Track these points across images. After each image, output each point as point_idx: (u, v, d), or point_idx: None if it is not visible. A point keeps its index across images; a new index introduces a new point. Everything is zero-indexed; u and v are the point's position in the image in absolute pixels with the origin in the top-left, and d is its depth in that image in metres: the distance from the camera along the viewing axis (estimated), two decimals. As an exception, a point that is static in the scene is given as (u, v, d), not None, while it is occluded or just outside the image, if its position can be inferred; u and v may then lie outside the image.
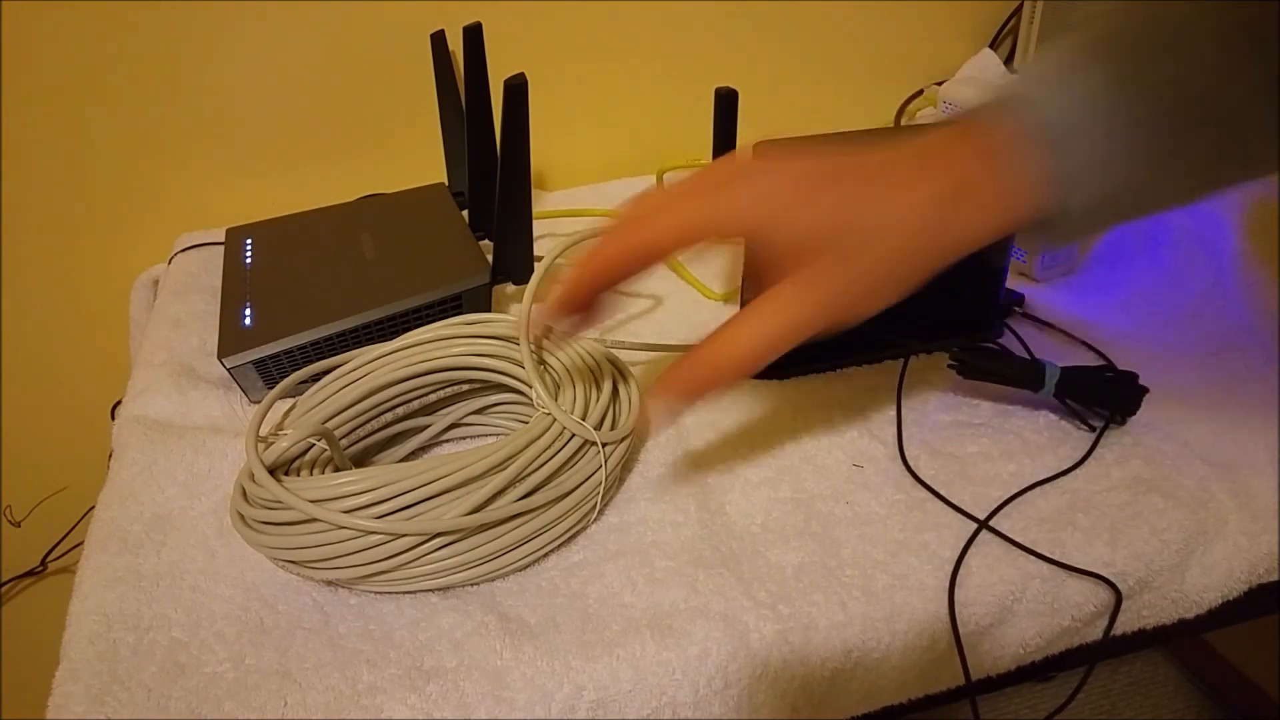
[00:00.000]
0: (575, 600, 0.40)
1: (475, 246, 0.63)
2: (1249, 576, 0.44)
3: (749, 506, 0.46)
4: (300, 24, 0.79)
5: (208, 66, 0.78)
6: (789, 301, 0.34)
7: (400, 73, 0.82)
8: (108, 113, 0.77)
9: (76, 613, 0.40)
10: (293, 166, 0.84)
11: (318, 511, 0.38)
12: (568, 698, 0.36)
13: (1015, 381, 0.51)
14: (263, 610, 0.40)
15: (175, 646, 0.38)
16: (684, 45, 0.89)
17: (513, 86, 0.52)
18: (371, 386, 0.46)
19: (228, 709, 0.36)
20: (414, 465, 0.39)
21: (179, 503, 0.47)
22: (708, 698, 0.37)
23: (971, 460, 0.48)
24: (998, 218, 0.35)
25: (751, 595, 0.40)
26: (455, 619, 0.39)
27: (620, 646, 0.38)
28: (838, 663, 0.39)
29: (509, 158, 0.55)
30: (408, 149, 0.86)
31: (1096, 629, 0.43)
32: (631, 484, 0.47)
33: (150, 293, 0.77)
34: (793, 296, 0.34)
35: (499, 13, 0.80)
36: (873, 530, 0.44)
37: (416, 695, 0.36)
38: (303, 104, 0.82)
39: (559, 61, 0.86)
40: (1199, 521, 0.44)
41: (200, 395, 0.56)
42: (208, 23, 0.76)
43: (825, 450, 0.49)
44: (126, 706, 0.36)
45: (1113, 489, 0.46)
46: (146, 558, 0.43)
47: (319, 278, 0.61)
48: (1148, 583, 0.43)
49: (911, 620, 0.40)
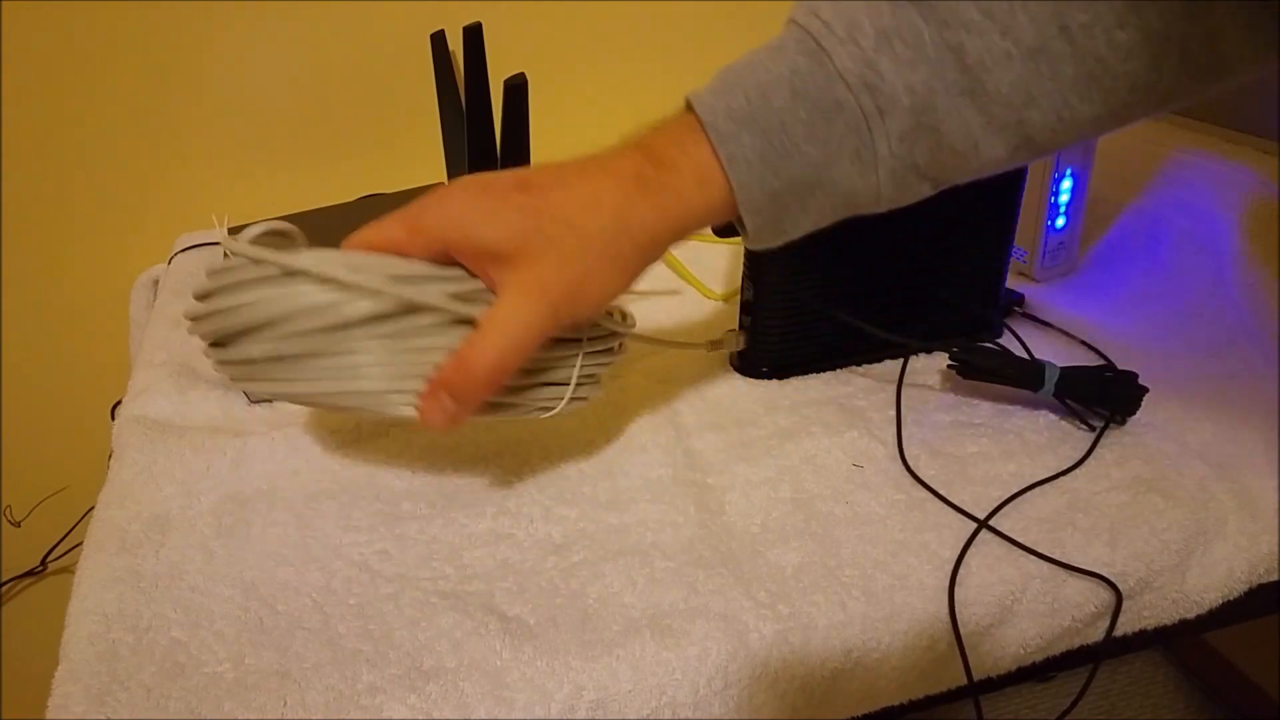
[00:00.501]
0: (575, 600, 0.40)
1: (475, 246, 0.63)
2: (1249, 576, 0.44)
3: (749, 506, 0.46)
4: (300, 24, 0.79)
5: (208, 67, 0.78)
6: (507, 314, 0.37)
7: (400, 73, 0.82)
8: (108, 112, 0.77)
9: (76, 613, 0.40)
10: (293, 166, 0.84)
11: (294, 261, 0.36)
12: (567, 697, 0.36)
13: (1015, 381, 0.51)
14: (262, 610, 0.40)
15: (174, 646, 0.38)
16: (684, 45, 0.89)
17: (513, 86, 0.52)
18: None
19: (227, 709, 0.36)
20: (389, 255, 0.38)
21: (177, 502, 0.47)
22: (707, 698, 0.37)
23: (971, 460, 0.48)
24: (683, 199, 0.38)
25: (751, 595, 0.40)
26: (454, 618, 0.39)
27: (620, 646, 0.38)
28: (838, 663, 0.39)
29: (509, 158, 0.55)
30: (408, 149, 0.86)
31: (1097, 629, 0.43)
32: (631, 484, 0.47)
33: (150, 293, 0.77)
34: (509, 307, 0.37)
35: (499, 13, 0.80)
36: (873, 530, 0.44)
37: (416, 695, 0.36)
38: (303, 104, 0.82)
39: (559, 61, 0.86)
40: (1199, 521, 0.44)
41: (200, 395, 0.56)
42: (208, 23, 0.76)
43: (825, 450, 0.49)
44: (126, 706, 0.36)
45: (1113, 489, 0.46)
46: (145, 558, 0.43)
47: (319, 278, 0.61)
48: (1148, 583, 0.43)
49: (911, 620, 0.40)
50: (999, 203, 0.55)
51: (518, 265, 0.37)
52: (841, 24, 0.36)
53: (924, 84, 0.35)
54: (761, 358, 0.56)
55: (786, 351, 0.55)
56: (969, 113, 0.36)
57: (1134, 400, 0.50)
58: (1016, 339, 0.58)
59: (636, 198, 0.37)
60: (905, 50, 0.35)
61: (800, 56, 0.36)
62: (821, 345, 0.56)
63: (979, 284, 0.57)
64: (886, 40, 0.35)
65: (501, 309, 0.37)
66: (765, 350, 0.55)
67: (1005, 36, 0.34)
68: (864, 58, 0.35)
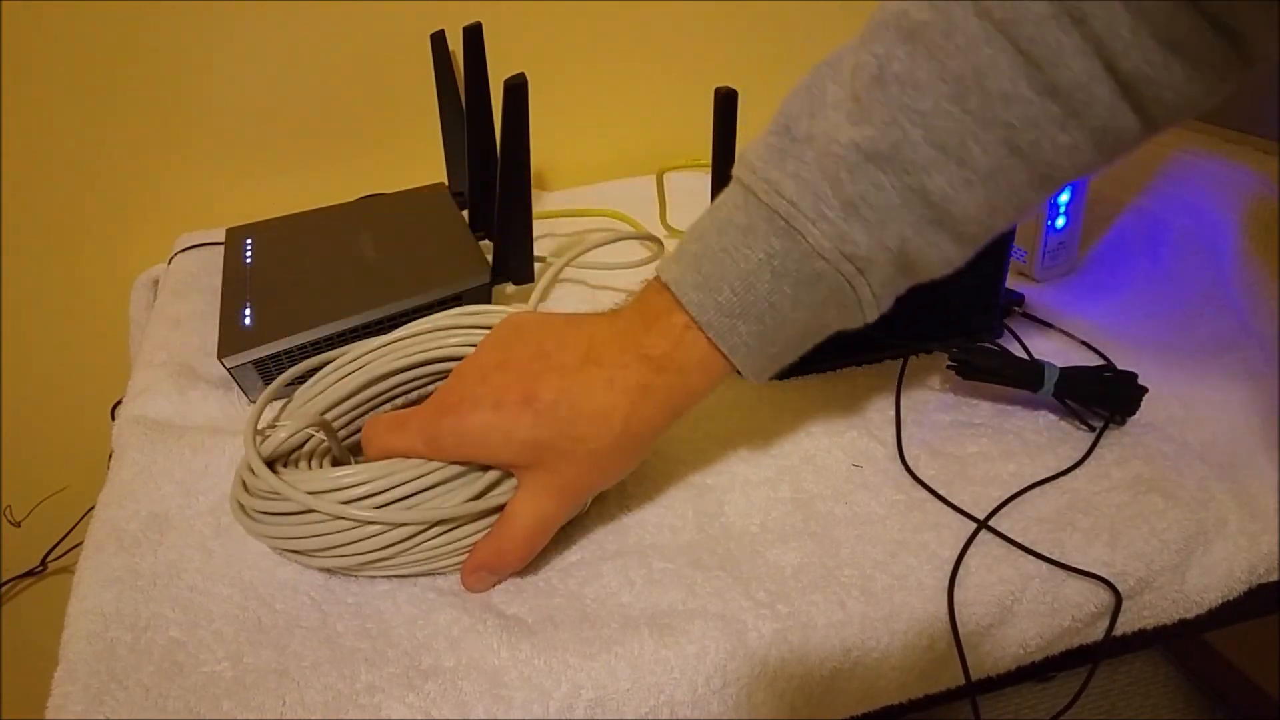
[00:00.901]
0: (573, 600, 0.40)
1: (475, 246, 0.63)
2: (1249, 576, 0.44)
3: (748, 507, 0.46)
4: (300, 24, 0.79)
5: (208, 66, 0.78)
6: (530, 508, 0.40)
7: (400, 73, 0.82)
8: (108, 112, 0.77)
9: (75, 613, 0.40)
10: (293, 166, 0.84)
11: (316, 503, 0.38)
12: (566, 696, 0.36)
13: (1015, 381, 0.51)
14: (260, 609, 0.40)
15: (173, 646, 0.38)
16: (684, 45, 0.89)
17: (513, 86, 0.52)
18: (369, 377, 0.46)
19: (226, 708, 0.36)
20: (410, 460, 0.40)
21: (176, 502, 0.47)
22: (706, 697, 0.37)
23: (971, 460, 0.48)
24: (688, 392, 0.41)
25: (750, 595, 0.40)
26: (453, 616, 0.39)
27: (618, 645, 0.38)
28: (836, 662, 0.39)
29: (509, 158, 0.55)
30: (408, 149, 0.86)
31: (1097, 629, 0.43)
32: (629, 485, 0.47)
33: (150, 293, 0.77)
34: (531, 502, 0.40)
35: (499, 13, 0.80)
36: (872, 530, 0.44)
37: (415, 694, 0.36)
38: (303, 104, 0.82)
39: (559, 61, 0.86)
40: (1199, 521, 0.44)
41: (200, 395, 0.56)
42: (208, 22, 0.76)
43: (824, 450, 0.49)
44: (125, 706, 0.36)
45: (1112, 489, 0.46)
46: (144, 557, 0.43)
47: (319, 278, 0.61)
48: (1148, 583, 0.43)
49: (911, 620, 0.40)
50: (999, 202, 0.55)
51: (535, 470, 0.40)
52: (807, 202, 0.37)
53: (896, 236, 0.37)
54: (761, 357, 0.56)
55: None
56: (941, 239, 0.38)
57: (1134, 400, 0.50)
58: (1016, 339, 0.58)
59: (642, 407, 0.40)
60: (872, 213, 0.37)
61: (774, 239, 0.38)
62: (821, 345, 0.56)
63: (979, 284, 0.57)
64: (853, 208, 0.37)
65: (525, 502, 0.40)
66: (765, 350, 0.55)
67: (963, 167, 0.36)
68: (835, 232, 0.37)
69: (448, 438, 0.39)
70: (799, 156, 0.38)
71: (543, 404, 0.39)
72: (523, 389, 0.39)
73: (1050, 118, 0.35)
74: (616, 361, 0.40)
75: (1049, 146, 0.36)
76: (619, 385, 0.39)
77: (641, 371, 0.39)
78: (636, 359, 0.40)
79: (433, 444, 0.40)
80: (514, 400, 0.39)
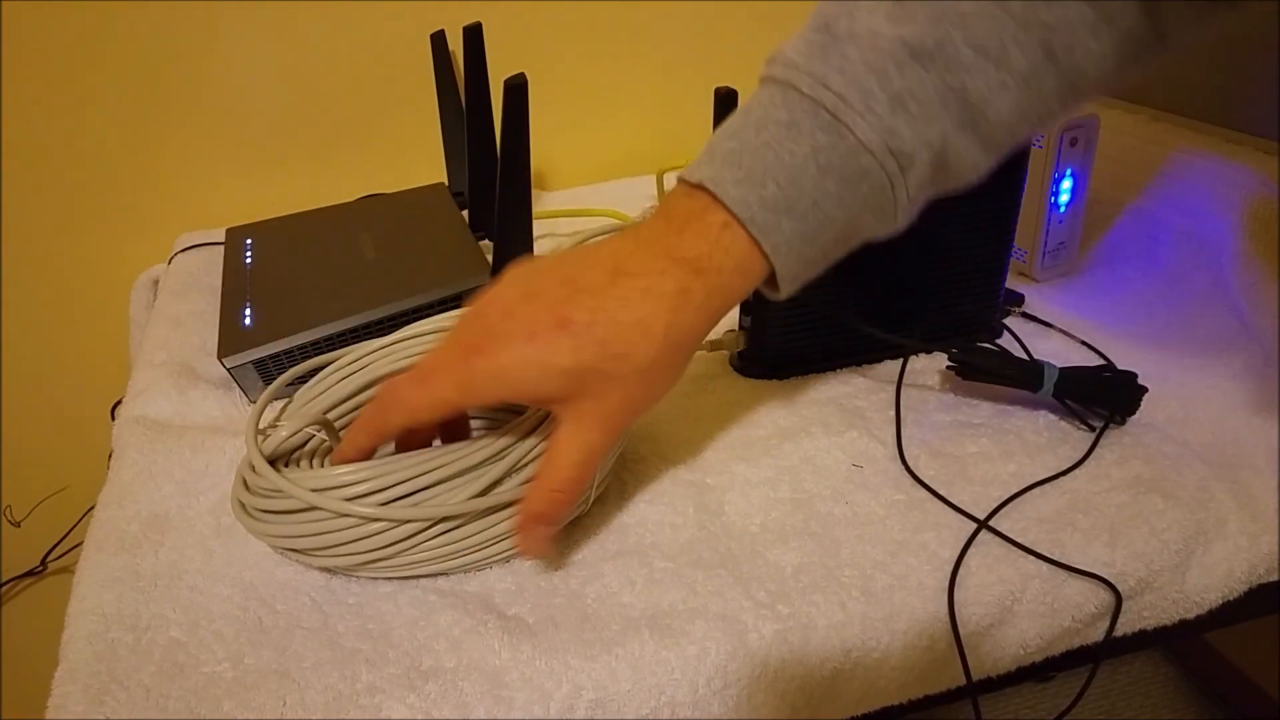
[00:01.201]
0: (573, 600, 0.40)
1: (475, 246, 0.63)
2: (1249, 576, 0.44)
3: (748, 507, 0.46)
4: (300, 24, 0.79)
5: (207, 66, 0.78)
6: (575, 442, 0.39)
7: (400, 73, 0.82)
8: (108, 112, 0.77)
9: (75, 613, 0.40)
10: (293, 167, 0.84)
11: (318, 500, 0.38)
12: (566, 697, 0.36)
13: (1014, 382, 0.51)
14: (261, 610, 0.40)
15: (173, 646, 0.38)
16: (684, 45, 0.89)
17: (513, 86, 0.52)
18: (371, 378, 0.46)
19: (226, 709, 0.36)
20: (411, 456, 0.40)
21: (176, 502, 0.47)
22: (706, 697, 0.37)
23: (971, 460, 0.48)
24: (726, 295, 0.39)
25: (750, 595, 0.40)
26: (454, 617, 0.39)
27: (619, 646, 0.38)
28: (837, 662, 0.39)
29: (509, 158, 0.55)
30: (408, 149, 0.86)
31: (1097, 630, 0.43)
32: (629, 485, 0.47)
33: (150, 293, 0.77)
34: (575, 436, 0.39)
35: (499, 13, 0.80)
36: (872, 530, 0.44)
37: (415, 694, 0.36)
38: (303, 104, 0.82)
39: (559, 61, 0.86)
40: (1199, 522, 0.44)
41: (200, 395, 0.56)
42: (207, 22, 0.76)
43: (824, 450, 0.49)
44: (125, 706, 0.36)
45: (1112, 489, 0.46)
46: (144, 557, 0.43)
47: (319, 278, 0.61)
48: (1148, 583, 0.43)
49: (911, 620, 0.40)
50: (999, 203, 0.55)
51: (578, 401, 0.38)
52: (855, 94, 0.36)
53: (939, 135, 0.37)
54: (761, 358, 0.56)
55: (786, 352, 0.55)
56: (972, 144, 0.38)
57: (1134, 400, 0.50)
58: (1016, 339, 0.58)
59: (683, 313, 0.38)
60: (918, 108, 0.36)
61: (820, 133, 0.37)
62: (821, 345, 0.56)
63: (979, 284, 0.57)
64: (900, 103, 0.36)
65: (569, 437, 0.39)
66: (765, 350, 0.55)
67: (1000, 69, 0.36)
68: (882, 125, 0.36)
69: (481, 380, 0.37)
70: (842, 52, 0.37)
71: (579, 325, 0.37)
72: (554, 315, 0.37)
73: (1085, 22, 0.36)
74: (650, 268, 0.38)
75: (1081, 52, 0.36)
76: (655, 292, 0.37)
77: (679, 275, 0.37)
78: (672, 263, 0.37)
79: (465, 388, 0.38)
80: (547, 328, 0.37)
